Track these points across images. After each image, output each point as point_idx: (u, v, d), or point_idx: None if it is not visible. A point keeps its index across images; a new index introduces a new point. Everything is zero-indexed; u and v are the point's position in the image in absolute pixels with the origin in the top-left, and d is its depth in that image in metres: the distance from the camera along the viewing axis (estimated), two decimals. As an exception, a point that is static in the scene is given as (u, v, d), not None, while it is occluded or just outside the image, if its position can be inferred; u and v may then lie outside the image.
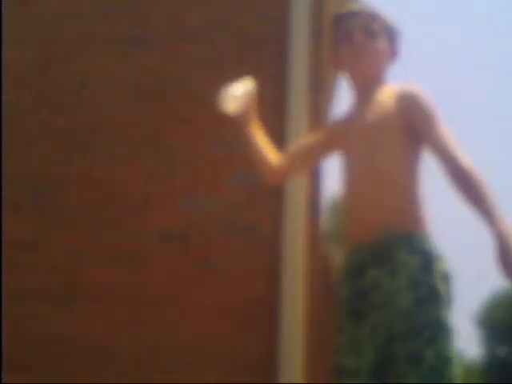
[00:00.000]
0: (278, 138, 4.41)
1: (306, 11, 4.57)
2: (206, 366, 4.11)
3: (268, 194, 4.34)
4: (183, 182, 4.38)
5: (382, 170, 2.57)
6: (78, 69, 4.57)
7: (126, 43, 4.58)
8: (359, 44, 2.69)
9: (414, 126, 2.58)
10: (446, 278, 2.47)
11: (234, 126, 3.00)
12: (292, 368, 4.06)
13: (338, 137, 2.79)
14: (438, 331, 2.39)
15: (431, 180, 2.72)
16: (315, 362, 4.16)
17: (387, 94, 2.68)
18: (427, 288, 2.43)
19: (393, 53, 2.78)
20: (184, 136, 4.45)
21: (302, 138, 4.41)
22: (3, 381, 3.94)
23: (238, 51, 4.56)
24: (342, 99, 6.89)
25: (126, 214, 4.34)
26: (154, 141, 4.45)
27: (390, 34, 2.76)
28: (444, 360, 2.36)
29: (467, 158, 2.47)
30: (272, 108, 4.45)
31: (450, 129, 2.56)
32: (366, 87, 2.73)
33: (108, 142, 4.46)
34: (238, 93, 2.96)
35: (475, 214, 2.42)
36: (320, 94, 4.65)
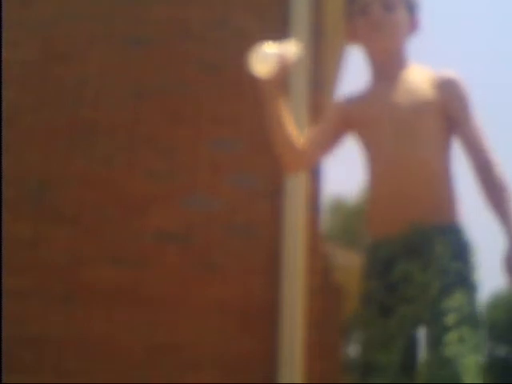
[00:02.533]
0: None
1: (306, 11, 4.57)
2: (206, 365, 4.10)
3: (268, 194, 4.34)
4: (183, 182, 4.38)
5: (419, 158, 2.47)
6: (78, 68, 4.56)
7: (126, 43, 4.57)
8: (377, 17, 2.57)
9: (450, 114, 2.53)
10: (476, 269, 2.45)
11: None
12: (292, 368, 4.06)
13: (358, 117, 2.61)
14: (464, 318, 2.34)
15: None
16: (315, 362, 4.15)
17: (421, 76, 2.58)
18: (457, 275, 2.37)
19: (412, 25, 2.65)
20: (184, 136, 4.44)
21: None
22: (3, 381, 3.93)
23: (237, 51, 4.55)
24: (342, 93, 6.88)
25: (126, 213, 4.34)
26: (154, 140, 4.45)
27: (410, 6, 2.63)
28: (467, 348, 2.29)
29: (496, 155, 2.45)
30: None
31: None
32: (385, 62, 2.61)
33: (108, 142, 4.45)
34: (271, 53, 2.50)
35: (492, 212, 2.41)
36: (320, 92, 4.64)
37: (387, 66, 2.62)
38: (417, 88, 2.55)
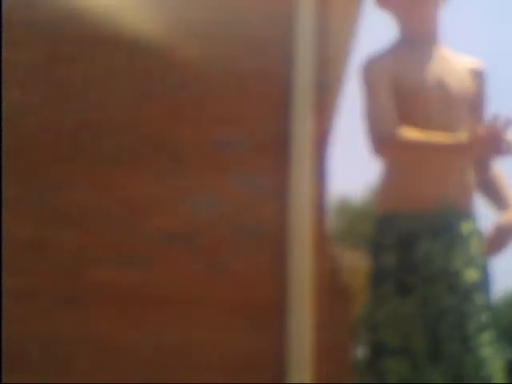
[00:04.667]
0: (283, 137, 4.42)
1: (312, 11, 4.56)
2: (214, 366, 4.10)
3: (274, 195, 4.33)
4: (190, 183, 4.37)
5: None
6: (84, 69, 4.55)
7: (130, 44, 4.56)
8: None
9: (474, 104, 2.52)
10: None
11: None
12: (300, 368, 4.05)
13: (407, 86, 2.46)
14: (491, 318, 2.33)
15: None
16: (323, 363, 4.14)
17: (461, 62, 2.54)
18: (485, 272, 2.36)
19: None
20: (191, 136, 4.44)
21: (307, 136, 4.41)
22: (4, 381, 3.92)
23: (242, 51, 4.55)
24: (349, 97, 6.86)
25: (133, 214, 4.33)
26: (161, 141, 4.44)
27: None
28: (496, 349, 2.30)
29: None
30: (277, 108, 4.45)
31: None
32: (420, 31, 2.54)
33: (114, 143, 4.45)
34: None
35: (487, 197, 2.43)
36: (325, 94, 4.63)
37: (422, 36, 2.54)
38: (462, 74, 2.52)
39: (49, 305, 4.19)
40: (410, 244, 2.37)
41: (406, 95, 2.46)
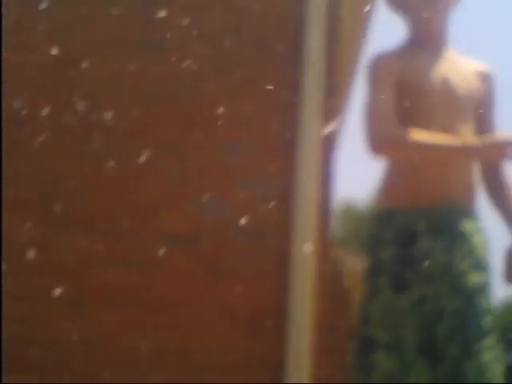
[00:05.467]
0: (289, 141, 4.43)
1: (322, 16, 4.57)
2: (214, 369, 4.10)
3: (278, 199, 4.34)
4: (194, 186, 4.38)
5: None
6: (93, 72, 4.56)
7: (140, 47, 4.57)
8: None
9: (480, 108, 2.51)
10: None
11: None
12: (300, 372, 4.06)
13: (411, 85, 2.45)
14: (493, 321, 2.31)
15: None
16: (323, 367, 4.15)
17: (468, 64, 2.53)
18: (489, 272, 2.34)
19: None
20: (196, 140, 4.45)
21: (314, 141, 4.41)
22: (4, 381, 3.92)
23: (252, 55, 4.55)
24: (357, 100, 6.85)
25: (137, 216, 4.34)
26: (167, 144, 4.44)
27: None
28: (498, 353, 2.28)
29: None
30: (284, 112, 4.46)
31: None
32: (428, 33, 2.54)
33: (120, 145, 4.45)
34: None
35: (497, 211, 2.41)
36: (334, 98, 4.64)
37: (430, 37, 2.53)
38: (469, 76, 2.51)
39: (51, 306, 4.18)
40: (409, 240, 2.34)
41: (410, 93, 2.44)
